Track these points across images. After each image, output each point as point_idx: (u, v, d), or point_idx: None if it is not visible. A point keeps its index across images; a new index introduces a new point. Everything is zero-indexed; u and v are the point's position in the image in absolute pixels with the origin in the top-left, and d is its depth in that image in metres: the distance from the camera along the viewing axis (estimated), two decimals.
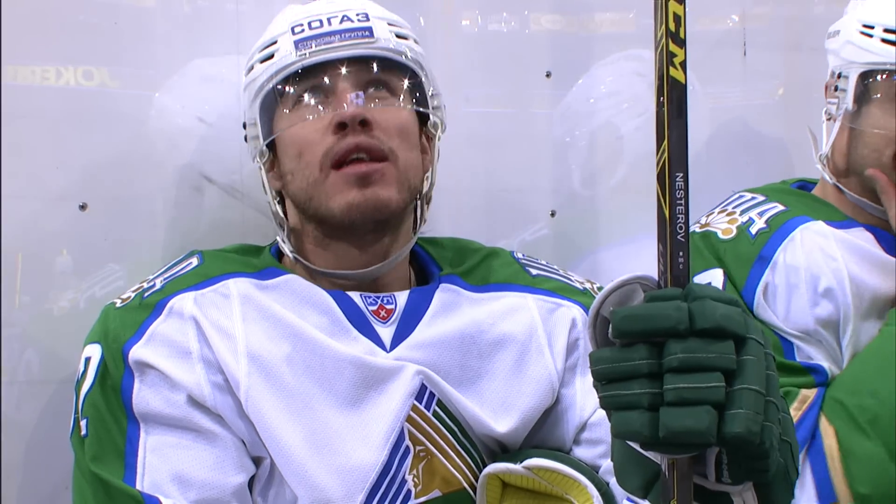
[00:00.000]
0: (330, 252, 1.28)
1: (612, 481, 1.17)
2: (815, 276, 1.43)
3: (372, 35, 1.26)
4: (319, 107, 1.24)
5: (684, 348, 0.80)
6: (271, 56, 1.28)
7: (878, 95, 1.47)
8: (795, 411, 1.37)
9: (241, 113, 1.36)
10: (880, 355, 1.38)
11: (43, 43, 1.44)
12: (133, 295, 1.23)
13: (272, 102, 1.28)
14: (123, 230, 1.49)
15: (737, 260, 1.46)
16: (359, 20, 1.27)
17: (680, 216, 0.83)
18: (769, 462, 0.83)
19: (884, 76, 1.46)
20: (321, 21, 1.27)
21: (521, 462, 1.19)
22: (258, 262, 1.29)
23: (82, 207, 1.46)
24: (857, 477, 1.34)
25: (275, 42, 1.29)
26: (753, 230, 1.47)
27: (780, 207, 1.50)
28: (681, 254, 0.83)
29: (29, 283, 1.44)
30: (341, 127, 1.22)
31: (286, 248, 1.29)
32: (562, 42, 1.77)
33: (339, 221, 1.24)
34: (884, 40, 1.45)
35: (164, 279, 1.25)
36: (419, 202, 1.32)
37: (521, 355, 1.27)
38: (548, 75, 1.77)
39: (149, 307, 1.20)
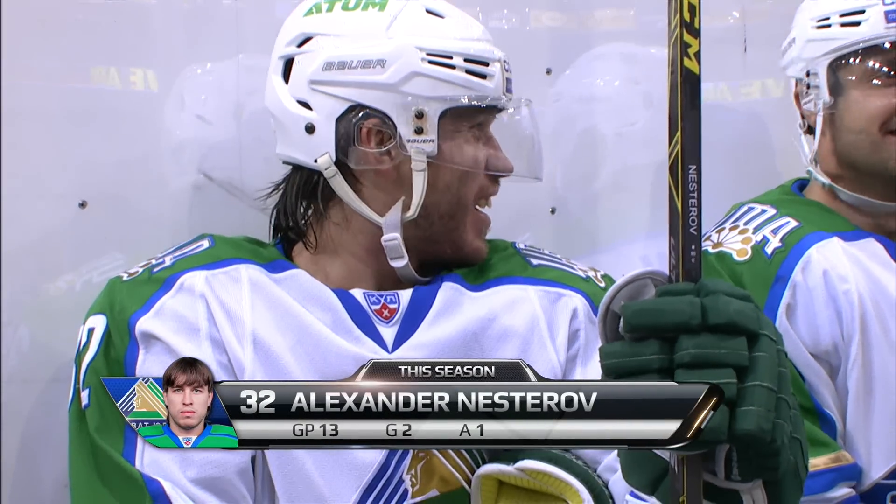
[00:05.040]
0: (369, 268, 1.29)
1: (613, 479, 1.16)
2: (830, 296, 1.43)
3: None
4: None
5: (696, 344, 0.79)
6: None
7: (853, 77, 1.48)
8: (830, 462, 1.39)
9: None
10: None
11: (43, 42, 1.44)
12: (141, 270, 1.23)
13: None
14: (123, 228, 1.50)
15: (755, 281, 1.45)
16: None
17: (693, 209, 0.82)
18: (780, 460, 0.83)
19: (853, 58, 1.48)
20: None
21: (514, 463, 1.18)
22: (266, 253, 1.29)
23: (82, 205, 1.47)
24: None
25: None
26: (769, 249, 1.47)
27: (794, 223, 1.49)
28: (693, 247, 0.82)
29: (29, 282, 1.44)
30: None
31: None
32: (562, 39, 1.76)
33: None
34: (842, 24, 1.49)
35: (175, 257, 1.25)
36: None
37: (523, 350, 1.26)
38: (548, 72, 1.76)
39: (158, 282, 1.20)
